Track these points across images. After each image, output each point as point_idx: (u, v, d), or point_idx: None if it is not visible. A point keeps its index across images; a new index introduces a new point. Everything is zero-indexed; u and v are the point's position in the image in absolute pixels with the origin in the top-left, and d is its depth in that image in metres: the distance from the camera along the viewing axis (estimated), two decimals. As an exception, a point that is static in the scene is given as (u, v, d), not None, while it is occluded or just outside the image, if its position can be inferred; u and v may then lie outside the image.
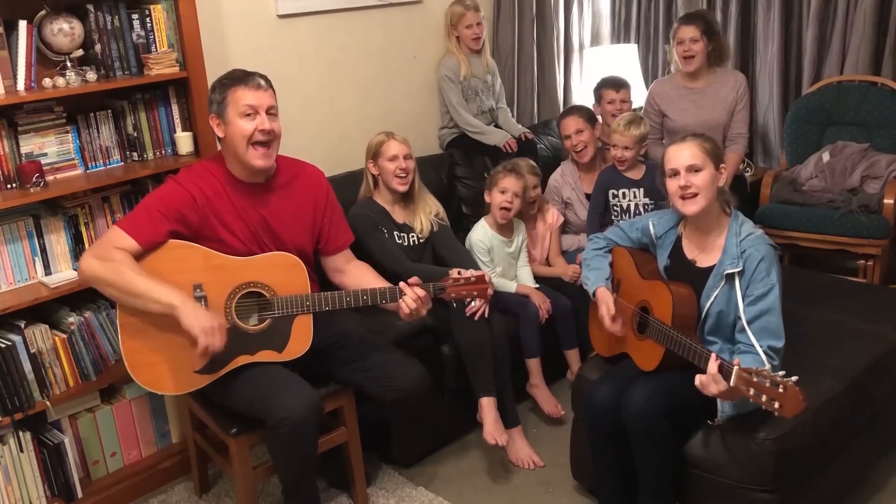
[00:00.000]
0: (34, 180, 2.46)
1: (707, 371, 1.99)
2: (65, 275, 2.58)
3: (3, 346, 2.42)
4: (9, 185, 2.51)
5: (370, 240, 2.90)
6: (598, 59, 4.49)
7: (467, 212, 3.70)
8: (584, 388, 2.46)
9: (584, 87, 4.48)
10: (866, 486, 2.56)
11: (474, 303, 2.46)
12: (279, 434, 2.21)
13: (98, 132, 2.69)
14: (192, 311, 2.14)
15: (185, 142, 2.80)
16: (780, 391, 1.81)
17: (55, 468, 2.58)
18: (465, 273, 2.41)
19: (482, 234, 3.17)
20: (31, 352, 2.48)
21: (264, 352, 2.32)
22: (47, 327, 2.52)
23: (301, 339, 2.34)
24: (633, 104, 3.94)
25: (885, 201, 3.46)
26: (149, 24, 2.69)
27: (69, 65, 2.57)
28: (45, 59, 2.57)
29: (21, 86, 2.50)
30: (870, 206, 3.49)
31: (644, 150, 3.35)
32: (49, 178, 2.56)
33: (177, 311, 2.13)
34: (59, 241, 2.60)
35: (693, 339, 2.14)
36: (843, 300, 2.86)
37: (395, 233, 3.00)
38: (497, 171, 3.17)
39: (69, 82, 2.53)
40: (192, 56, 2.72)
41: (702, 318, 2.26)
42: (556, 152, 3.94)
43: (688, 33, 3.53)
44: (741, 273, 2.18)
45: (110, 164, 2.73)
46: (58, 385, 2.56)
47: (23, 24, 2.46)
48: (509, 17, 4.22)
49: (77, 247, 2.63)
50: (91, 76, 2.58)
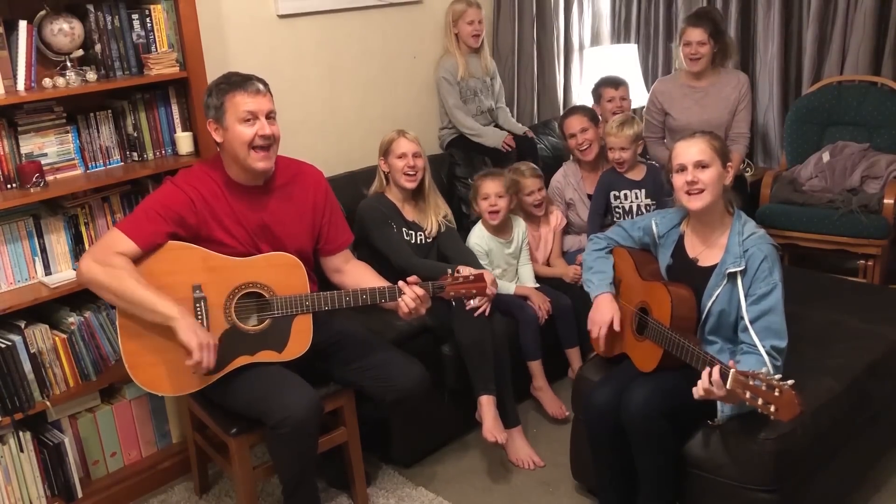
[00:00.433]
0: (34, 180, 2.47)
1: (701, 382, 1.99)
2: (65, 275, 2.58)
3: (3, 346, 2.42)
4: (9, 185, 2.51)
5: (378, 232, 2.91)
6: (598, 59, 4.48)
7: (467, 212, 3.68)
8: (585, 388, 2.46)
9: (584, 87, 4.47)
10: (866, 486, 2.56)
11: (475, 300, 2.46)
12: (279, 434, 2.21)
13: (98, 132, 2.69)
14: (189, 326, 2.15)
15: (185, 142, 2.80)
16: (776, 395, 1.81)
17: (55, 468, 2.58)
18: (463, 271, 2.41)
19: (479, 237, 3.19)
20: (32, 352, 2.48)
21: (264, 352, 2.32)
22: (47, 327, 2.53)
23: (301, 339, 2.34)
24: (633, 103, 3.94)
25: (885, 201, 3.46)
26: (149, 24, 2.69)
27: (69, 65, 2.57)
28: (45, 59, 2.57)
29: (21, 86, 2.49)
30: (870, 206, 3.49)
31: (641, 149, 3.35)
32: (49, 178, 2.56)
33: (175, 323, 2.14)
34: (59, 242, 2.60)
35: (691, 340, 2.13)
36: (843, 300, 2.85)
37: (404, 230, 3.01)
38: (474, 182, 3.25)
39: (69, 82, 2.53)
40: (192, 56, 2.72)
41: (703, 318, 2.26)
42: (556, 152, 3.94)
43: (695, 36, 3.51)
44: (744, 272, 2.18)
45: (110, 165, 2.74)
46: (58, 385, 2.56)
47: (23, 24, 2.46)
48: (509, 17, 4.22)
49: (77, 247, 2.63)
50: (91, 76, 2.58)
